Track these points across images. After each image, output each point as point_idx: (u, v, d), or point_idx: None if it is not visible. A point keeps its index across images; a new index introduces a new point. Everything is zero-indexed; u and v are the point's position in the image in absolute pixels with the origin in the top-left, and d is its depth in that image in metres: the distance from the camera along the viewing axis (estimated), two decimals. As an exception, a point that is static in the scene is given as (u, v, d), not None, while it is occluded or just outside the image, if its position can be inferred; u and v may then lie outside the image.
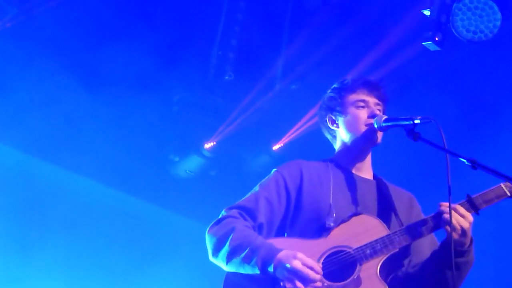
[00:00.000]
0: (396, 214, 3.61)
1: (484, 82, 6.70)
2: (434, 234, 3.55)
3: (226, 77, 6.75)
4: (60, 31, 6.27)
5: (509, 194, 3.44)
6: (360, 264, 3.34)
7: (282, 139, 7.20)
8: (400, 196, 3.73)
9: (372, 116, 3.65)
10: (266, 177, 3.69)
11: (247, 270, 3.33)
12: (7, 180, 6.81)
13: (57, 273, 6.93)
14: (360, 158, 3.74)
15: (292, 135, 7.11)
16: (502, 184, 3.46)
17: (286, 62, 6.95)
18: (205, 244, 3.51)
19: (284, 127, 7.17)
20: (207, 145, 7.03)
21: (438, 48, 5.85)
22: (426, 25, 5.87)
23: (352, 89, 3.74)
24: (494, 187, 3.46)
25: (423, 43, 5.88)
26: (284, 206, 3.57)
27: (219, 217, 3.54)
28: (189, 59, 6.73)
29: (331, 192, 3.56)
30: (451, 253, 3.30)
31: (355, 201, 3.60)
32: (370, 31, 6.44)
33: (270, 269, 3.26)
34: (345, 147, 3.74)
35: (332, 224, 3.45)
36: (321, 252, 3.36)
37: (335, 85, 3.84)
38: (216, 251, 3.43)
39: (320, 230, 3.46)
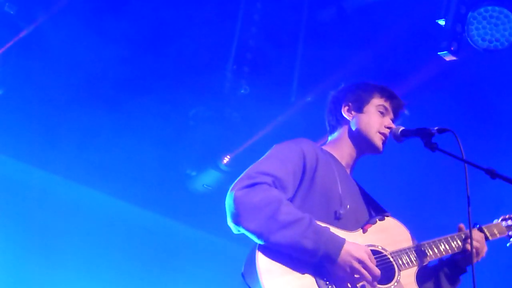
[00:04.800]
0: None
1: (501, 91, 6.66)
2: None
3: (242, 91, 6.76)
4: (68, 38, 6.25)
5: (506, 233, 3.71)
6: (400, 270, 3.33)
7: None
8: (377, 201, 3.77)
9: (388, 127, 3.66)
10: (284, 146, 3.52)
11: (299, 250, 3.13)
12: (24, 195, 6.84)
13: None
14: (356, 158, 3.73)
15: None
16: (500, 222, 3.75)
17: (302, 75, 6.95)
18: (224, 257, 3.43)
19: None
20: (225, 160, 7.03)
21: (453, 58, 5.84)
22: (441, 35, 5.86)
23: (382, 93, 3.75)
24: (495, 223, 3.73)
25: (439, 53, 5.86)
26: (298, 182, 3.43)
27: (251, 181, 3.25)
28: (205, 74, 6.75)
29: (338, 182, 3.50)
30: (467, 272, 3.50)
31: (356, 197, 3.60)
32: (385, 42, 6.43)
33: (334, 256, 3.13)
34: (348, 141, 3.71)
35: (342, 215, 3.39)
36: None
37: (366, 81, 3.84)
38: (254, 218, 3.14)
39: (331, 217, 3.39)
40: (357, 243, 3.22)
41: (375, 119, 3.67)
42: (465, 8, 5.82)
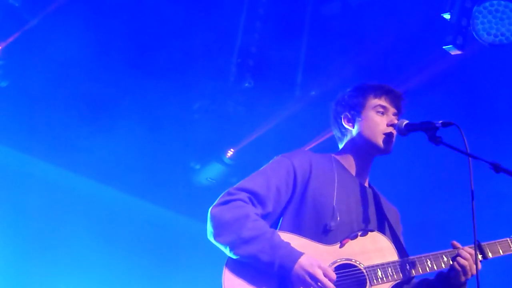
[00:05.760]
0: (389, 228, 3.62)
1: (505, 86, 6.64)
2: None
3: (246, 84, 6.76)
4: (71, 32, 6.21)
5: None
6: (371, 285, 3.34)
7: (304, 147, 7.18)
8: (390, 209, 3.74)
9: (391, 125, 3.65)
10: (275, 161, 3.60)
11: (258, 263, 3.27)
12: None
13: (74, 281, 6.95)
14: (365, 163, 3.71)
15: (314, 143, 7.08)
16: (509, 239, 3.60)
17: (306, 68, 6.94)
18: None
19: (305, 133, 7.15)
20: (229, 153, 7.03)
21: (459, 52, 5.82)
22: (447, 29, 5.84)
23: (376, 93, 3.72)
24: (501, 240, 3.60)
25: (444, 47, 5.85)
26: (288, 197, 3.51)
27: (227, 198, 3.41)
28: (209, 67, 6.74)
29: (335, 193, 3.52)
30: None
31: (355, 208, 3.57)
32: (389, 37, 6.41)
33: (288, 269, 3.22)
34: (354, 148, 3.70)
35: (333, 227, 3.42)
36: (332, 261, 3.35)
37: (358, 85, 3.81)
38: (223, 233, 3.32)
39: (320, 230, 3.43)
40: (314, 258, 3.25)
41: (376, 121, 3.65)
42: (470, 2, 5.80)
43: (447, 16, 5.85)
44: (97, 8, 6.27)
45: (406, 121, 3.60)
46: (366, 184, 3.73)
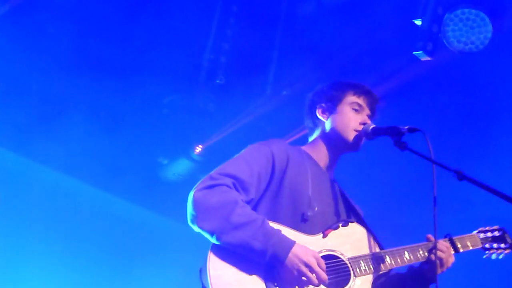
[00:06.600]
0: (361, 221, 3.65)
1: (474, 93, 6.72)
2: None
3: (217, 81, 6.74)
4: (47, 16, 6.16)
5: (481, 245, 3.71)
6: (355, 276, 3.35)
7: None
8: (355, 205, 3.78)
9: (363, 123, 3.67)
10: (254, 148, 3.56)
11: (249, 250, 3.19)
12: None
13: (39, 274, 6.88)
14: (334, 158, 3.74)
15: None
16: (475, 234, 3.74)
17: (278, 68, 6.94)
18: (191, 244, 3.42)
19: (275, 132, 7.16)
20: (197, 149, 7.01)
21: (428, 58, 5.87)
22: (418, 35, 5.89)
23: (356, 90, 3.75)
24: (470, 235, 3.72)
25: (414, 53, 5.89)
26: (266, 185, 3.48)
27: (211, 182, 3.34)
28: (181, 62, 6.71)
29: (310, 183, 3.52)
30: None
31: (327, 200, 3.60)
32: (362, 39, 6.45)
33: (282, 258, 3.17)
34: (325, 141, 3.73)
35: (310, 217, 3.42)
36: (316, 251, 3.33)
37: (340, 80, 3.85)
38: (209, 219, 3.23)
39: (297, 219, 3.42)
40: (306, 247, 3.24)
41: (349, 117, 3.68)
42: (442, 9, 5.85)
43: (418, 22, 5.90)
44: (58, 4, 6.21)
45: (373, 125, 3.63)
46: (332, 178, 3.76)
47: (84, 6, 6.23)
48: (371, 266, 3.39)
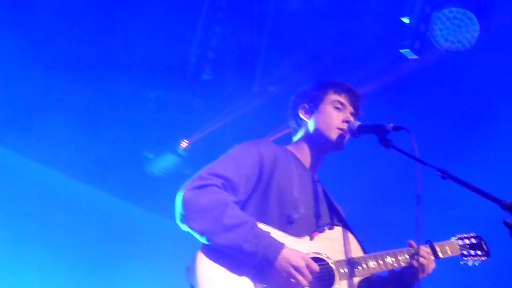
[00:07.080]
0: (343, 223, 3.65)
1: (460, 92, 6.74)
2: None
3: (205, 76, 6.72)
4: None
5: (459, 252, 3.74)
6: (340, 279, 3.36)
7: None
8: (337, 206, 3.78)
9: (346, 121, 3.67)
10: (242, 148, 3.55)
11: (239, 252, 3.19)
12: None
13: (29, 272, 6.84)
14: (318, 157, 3.75)
15: (270, 139, 7.07)
16: (455, 240, 3.76)
17: (266, 64, 6.94)
18: (177, 241, 3.41)
19: (261, 128, 7.15)
20: (183, 144, 7.00)
21: (415, 56, 5.88)
22: (405, 33, 5.90)
23: (336, 89, 3.75)
24: (449, 241, 3.76)
25: (401, 50, 5.90)
26: (253, 185, 3.48)
27: (200, 182, 3.31)
28: (168, 57, 6.68)
29: (296, 185, 3.53)
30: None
31: (313, 201, 3.60)
32: (349, 36, 6.45)
33: (271, 260, 3.18)
34: (309, 141, 3.73)
35: (295, 219, 3.42)
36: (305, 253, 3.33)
37: (321, 80, 3.85)
38: (199, 219, 3.21)
39: (283, 221, 3.43)
40: (296, 249, 3.25)
41: (332, 116, 3.68)
42: (429, 7, 5.86)
43: (406, 20, 5.91)
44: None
45: (358, 123, 3.63)
46: (316, 179, 3.76)
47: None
48: (355, 270, 3.41)
